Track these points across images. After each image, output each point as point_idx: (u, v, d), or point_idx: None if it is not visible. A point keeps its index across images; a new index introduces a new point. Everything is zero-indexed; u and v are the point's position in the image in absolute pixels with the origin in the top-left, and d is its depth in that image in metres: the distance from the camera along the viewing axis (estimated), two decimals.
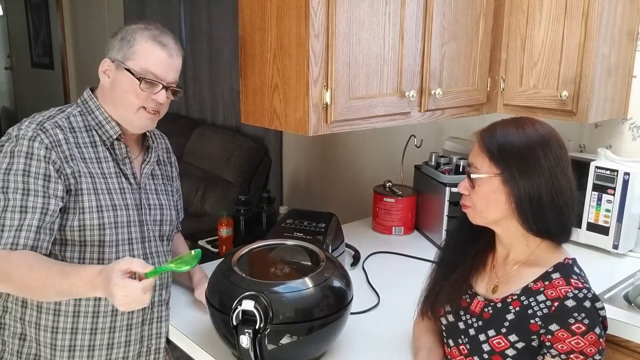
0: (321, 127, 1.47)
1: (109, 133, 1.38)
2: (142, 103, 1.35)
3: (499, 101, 1.91)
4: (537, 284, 1.15)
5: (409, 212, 2.18)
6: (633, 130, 1.95)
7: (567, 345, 1.07)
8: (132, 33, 1.36)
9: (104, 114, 1.38)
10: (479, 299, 1.22)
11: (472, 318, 1.21)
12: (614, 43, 1.75)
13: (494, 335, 1.16)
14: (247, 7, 1.53)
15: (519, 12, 1.80)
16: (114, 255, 1.35)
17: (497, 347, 1.15)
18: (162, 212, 1.48)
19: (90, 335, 1.37)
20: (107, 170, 1.37)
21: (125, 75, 1.34)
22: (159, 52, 1.35)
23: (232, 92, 3.55)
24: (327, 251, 1.44)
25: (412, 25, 1.62)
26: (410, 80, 1.66)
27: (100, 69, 1.38)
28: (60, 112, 1.37)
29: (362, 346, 1.39)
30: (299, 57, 1.42)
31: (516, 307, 1.15)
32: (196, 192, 3.43)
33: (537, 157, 1.12)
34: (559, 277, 1.13)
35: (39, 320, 1.35)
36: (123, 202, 1.38)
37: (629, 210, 1.81)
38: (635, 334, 1.42)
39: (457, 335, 1.24)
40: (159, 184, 1.50)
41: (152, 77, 1.34)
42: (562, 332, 1.08)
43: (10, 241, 1.21)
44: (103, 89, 1.40)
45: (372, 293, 1.68)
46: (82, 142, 1.35)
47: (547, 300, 1.11)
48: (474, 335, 1.20)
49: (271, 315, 1.16)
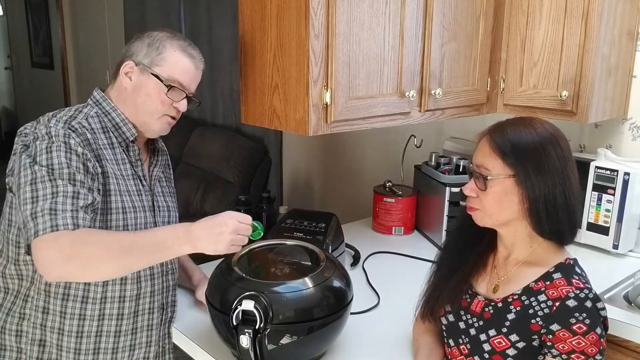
0: (321, 127, 1.47)
1: (126, 135, 1.38)
2: (166, 110, 1.38)
3: (499, 101, 1.91)
4: (538, 284, 1.15)
5: (409, 212, 2.18)
6: (633, 130, 1.95)
7: (568, 345, 1.07)
8: (161, 40, 1.36)
9: (120, 115, 1.38)
10: (480, 299, 1.22)
11: (472, 318, 1.21)
12: (614, 43, 1.75)
13: (494, 335, 1.16)
14: (247, 7, 1.53)
15: (519, 12, 1.80)
16: None
17: (497, 347, 1.15)
18: (169, 214, 1.49)
19: (114, 337, 1.37)
20: (124, 172, 1.37)
21: (152, 80, 1.35)
22: (187, 62, 1.37)
23: (232, 92, 3.55)
24: (327, 251, 1.44)
25: (412, 25, 1.62)
26: (410, 80, 1.66)
27: (122, 70, 1.38)
28: (78, 112, 1.35)
29: (362, 346, 1.39)
30: (299, 57, 1.42)
31: (517, 307, 1.15)
32: (196, 192, 3.43)
33: (550, 157, 1.11)
34: (560, 277, 1.13)
35: (62, 326, 1.33)
36: (140, 204, 1.38)
37: (629, 210, 1.81)
38: (635, 334, 1.42)
39: (457, 335, 1.24)
40: (165, 187, 1.52)
41: (178, 85, 1.36)
42: (563, 332, 1.07)
43: (69, 222, 1.15)
44: (121, 90, 1.39)
45: (372, 293, 1.68)
46: (101, 144, 1.34)
47: (548, 300, 1.11)
48: (475, 335, 1.19)
49: (271, 315, 1.16)
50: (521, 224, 1.16)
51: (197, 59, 1.40)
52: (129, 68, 1.37)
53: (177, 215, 1.55)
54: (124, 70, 1.38)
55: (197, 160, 3.63)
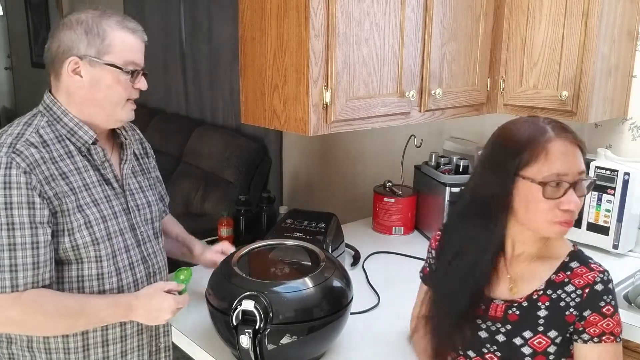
0: (321, 127, 1.47)
1: (84, 139, 1.28)
2: (129, 95, 1.30)
3: (499, 101, 1.91)
4: (559, 276, 1.13)
5: (409, 212, 2.18)
6: (633, 130, 1.95)
7: (599, 328, 1.08)
8: (97, 24, 1.25)
9: (73, 119, 1.28)
10: (498, 303, 1.16)
11: (495, 324, 1.15)
12: (614, 43, 1.75)
13: (532, 336, 1.12)
14: (247, 7, 1.53)
15: (519, 12, 1.80)
16: (113, 267, 1.30)
17: (538, 347, 1.11)
18: (151, 209, 1.42)
19: (102, 347, 1.34)
20: (88, 180, 1.29)
21: (108, 71, 1.26)
22: (132, 39, 1.29)
23: (232, 92, 3.55)
24: (327, 251, 1.44)
25: (412, 25, 1.62)
26: (410, 80, 1.66)
27: (67, 69, 1.25)
28: (27, 125, 1.26)
29: (362, 346, 1.39)
30: (299, 57, 1.42)
31: (545, 302, 1.12)
32: (196, 192, 3.43)
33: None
34: (579, 266, 1.13)
35: (47, 345, 1.30)
36: (111, 210, 1.31)
37: (629, 210, 1.81)
38: (636, 334, 1.42)
39: (478, 345, 1.16)
40: (142, 181, 1.44)
41: (134, 66, 1.29)
42: (594, 316, 1.09)
43: (8, 283, 1.16)
44: (72, 91, 1.28)
45: (372, 293, 1.68)
46: (57, 156, 1.25)
47: (577, 289, 1.11)
48: (506, 340, 1.13)
49: (271, 315, 1.16)
50: None
51: (138, 30, 1.30)
52: (74, 65, 1.25)
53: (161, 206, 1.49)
54: (69, 68, 1.26)
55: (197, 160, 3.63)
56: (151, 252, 1.41)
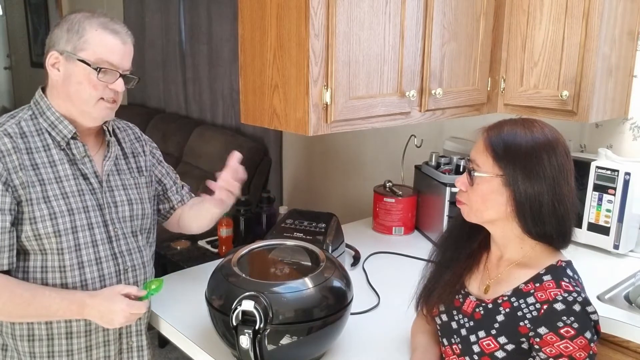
0: (321, 127, 1.47)
1: (63, 133, 1.32)
2: (101, 94, 1.31)
3: (500, 101, 1.90)
4: (528, 286, 1.13)
5: (409, 212, 2.18)
6: (634, 130, 1.95)
7: (556, 349, 1.05)
8: (80, 22, 1.29)
9: (55, 113, 1.32)
10: (471, 299, 1.21)
11: (464, 318, 1.20)
12: (614, 43, 1.75)
13: (484, 337, 1.15)
14: (247, 6, 1.52)
15: (519, 11, 1.80)
16: (76, 260, 1.32)
17: (486, 349, 1.14)
18: (131, 207, 1.43)
19: (66, 339, 1.35)
20: (62, 173, 1.32)
21: (79, 66, 1.29)
22: (112, 39, 1.30)
23: (232, 92, 3.55)
24: (327, 251, 1.44)
25: (412, 24, 1.62)
26: (411, 80, 1.65)
27: (48, 62, 1.31)
28: (11, 117, 1.32)
29: (362, 346, 1.39)
30: (299, 57, 1.41)
31: (506, 309, 1.14)
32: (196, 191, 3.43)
33: (542, 163, 1.09)
34: (549, 280, 1.11)
35: (13, 331, 1.34)
36: (82, 204, 1.33)
37: (630, 210, 1.81)
38: (636, 335, 1.42)
39: (450, 334, 1.23)
40: (126, 179, 1.44)
41: (108, 65, 1.30)
42: (551, 336, 1.06)
43: None
44: (54, 84, 1.33)
45: (372, 293, 1.68)
46: (34, 147, 1.29)
47: (536, 303, 1.10)
48: (466, 335, 1.19)
49: (271, 315, 1.16)
50: (510, 224, 1.14)
51: (122, 33, 1.32)
52: (54, 59, 1.30)
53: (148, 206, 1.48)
54: (49, 62, 1.31)
55: (197, 160, 3.63)
56: (124, 250, 1.41)
